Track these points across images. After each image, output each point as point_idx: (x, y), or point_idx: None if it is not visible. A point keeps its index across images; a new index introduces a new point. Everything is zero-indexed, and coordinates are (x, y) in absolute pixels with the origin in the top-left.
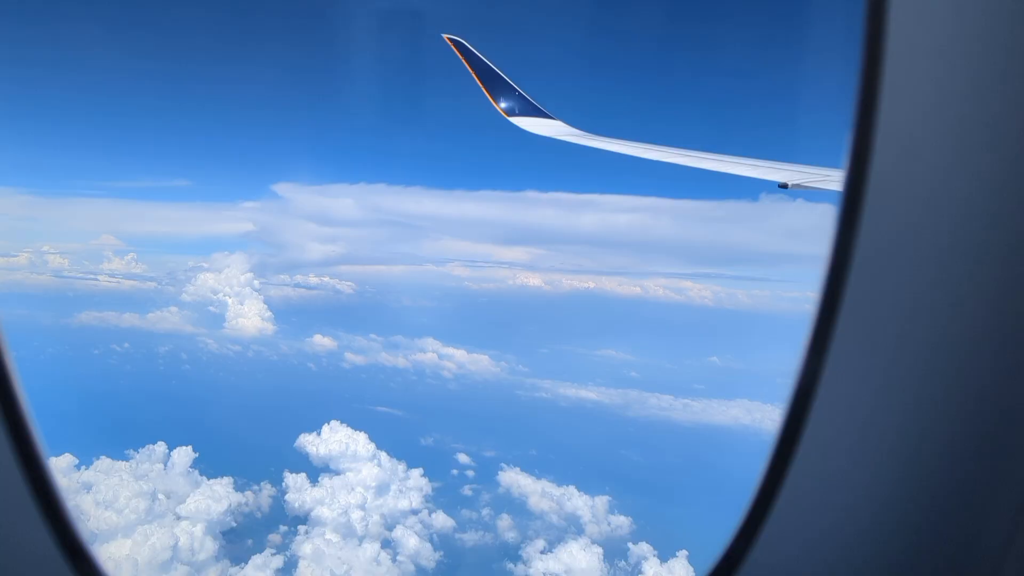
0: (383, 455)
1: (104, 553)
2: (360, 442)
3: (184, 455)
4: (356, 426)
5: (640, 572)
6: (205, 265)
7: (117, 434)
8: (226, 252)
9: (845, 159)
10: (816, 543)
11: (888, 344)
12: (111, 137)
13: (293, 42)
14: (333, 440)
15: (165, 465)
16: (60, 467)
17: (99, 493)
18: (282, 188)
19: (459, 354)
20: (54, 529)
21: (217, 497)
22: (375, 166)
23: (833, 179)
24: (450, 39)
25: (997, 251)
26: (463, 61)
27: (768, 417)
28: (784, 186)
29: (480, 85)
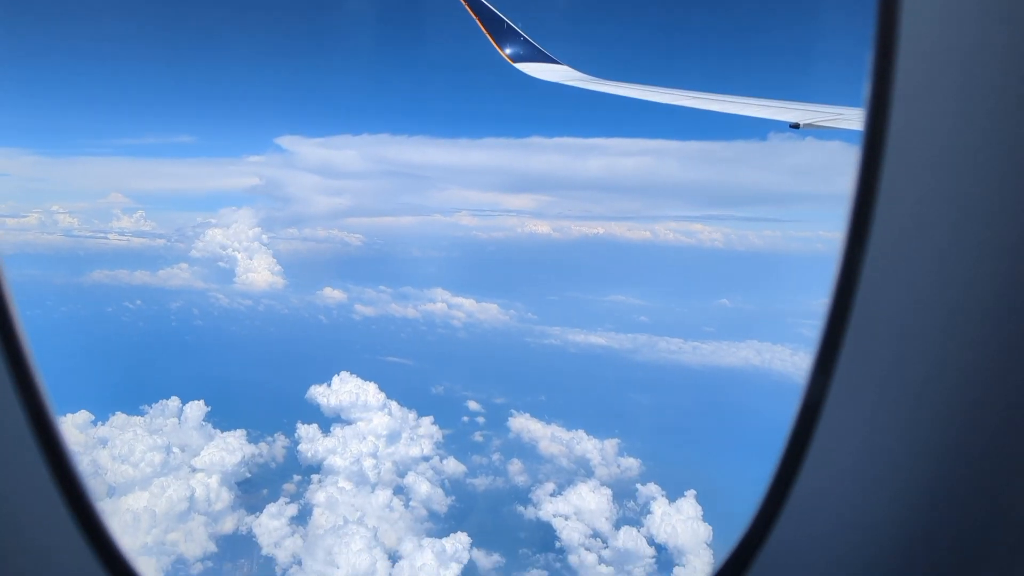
0: (393, 404)
1: (122, 506)
2: (370, 392)
3: (197, 409)
4: (366, 377)
5: (649, 512)
6: (213, 221)
7: (132, 390)
8: (233, 207)
9: (857, 151)
10: (825, 544)
11: (899, 343)
12: (113, 95)
13: None
14: (343, 391)
15: (179, 419)
16: (77, 423)
17: (115, 448)
18: (286, 141)
19: (468, 303)
20: (67, 497)
21: (231, 449)
22: (378, 116)
23: (845, 118)
24: None
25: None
26: (467, 7)
27: (777, 357)
28: (796, 126)
29: (484, 32)
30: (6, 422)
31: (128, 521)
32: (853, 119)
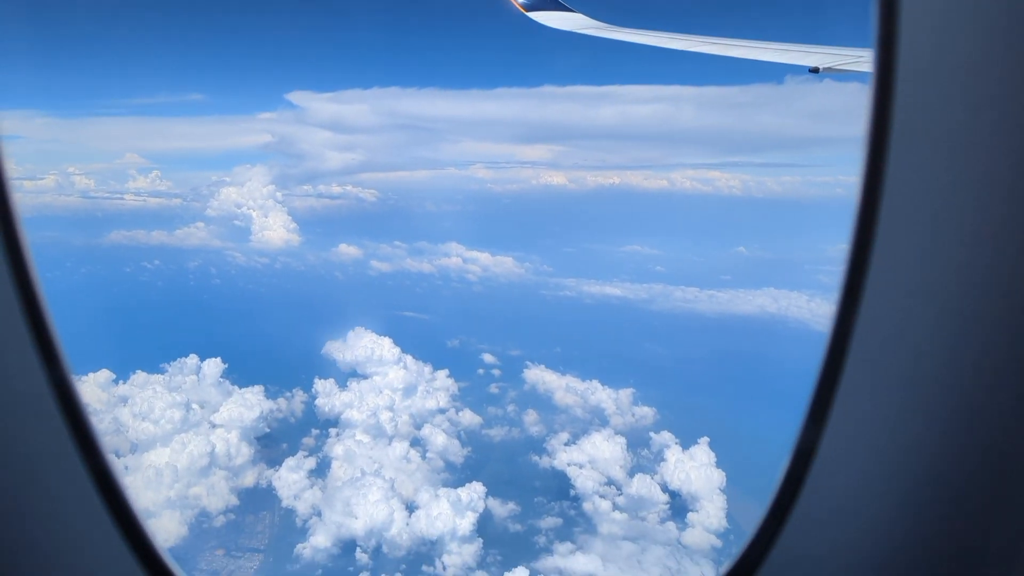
0: (409, 358)
1: (144, 462)
2: (385, 346)
3: (215, 366)
4: (381, 331)
5: (663, 460)
6: (227, 179)
7: (151, 349)
8: (247, 165)
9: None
10: (832, 549)
11: (908, 347)
12: (124, 54)
13: None
14: (359, 346)
15: (198, 376)
16: (98, 382)
17: (136, 406)
18: (296, 97)
19: (483, 257)
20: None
21: (249, 405)
22: (387, 70)
23: (865, 60)
24: None
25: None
26: None
27: (794, 304)
28: (815, 71)
29: None
30: (31, 392)
31: (151, 477)
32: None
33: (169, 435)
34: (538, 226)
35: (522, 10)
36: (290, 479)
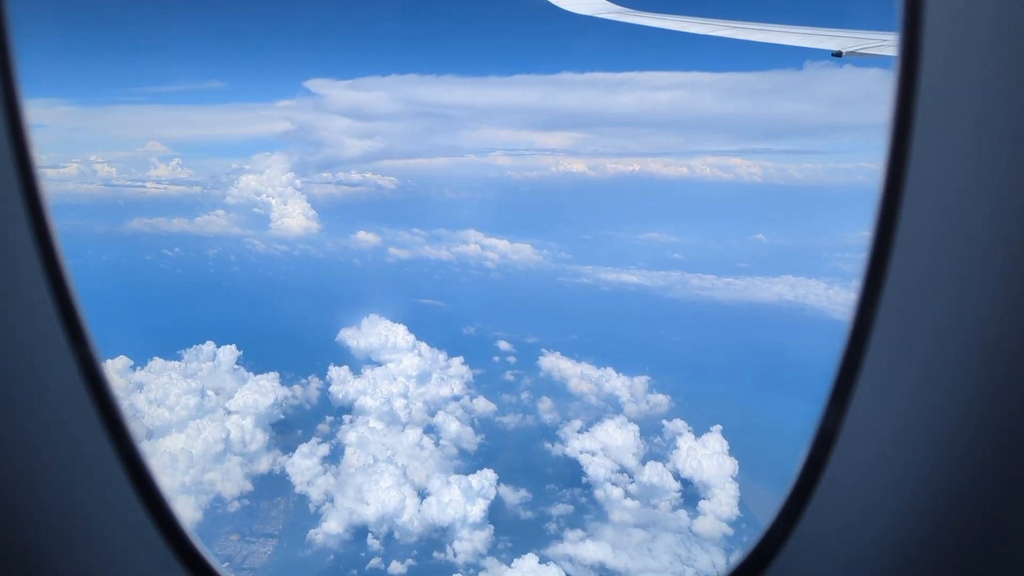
0: (423, 345)
1: (160, 448)
2: (400, 334)
3: (230, 353)
4: (396, 319)
5: (675, 447)
6: (247, 167)
7: (169, 336)
8: (266, 153)
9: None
10: (854, 532)
11: (930, 335)
12: (144, 42)
13: None
14: (373, 333)
15: (214, 363)
16: (116, 368)
17: (151, 392)
18: (314, 84)
19: (501, 244)
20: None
21: (264, 391)
22: (405, 57)
23: (889, 44)
24: None
25: None
26: None
27: (812, 292)
28: (838, 55)
29: None
30: (61, 378)
31: (166, 462)
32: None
33: (184, 421)
34: (557, 213)
35: None
36: (303, 465)
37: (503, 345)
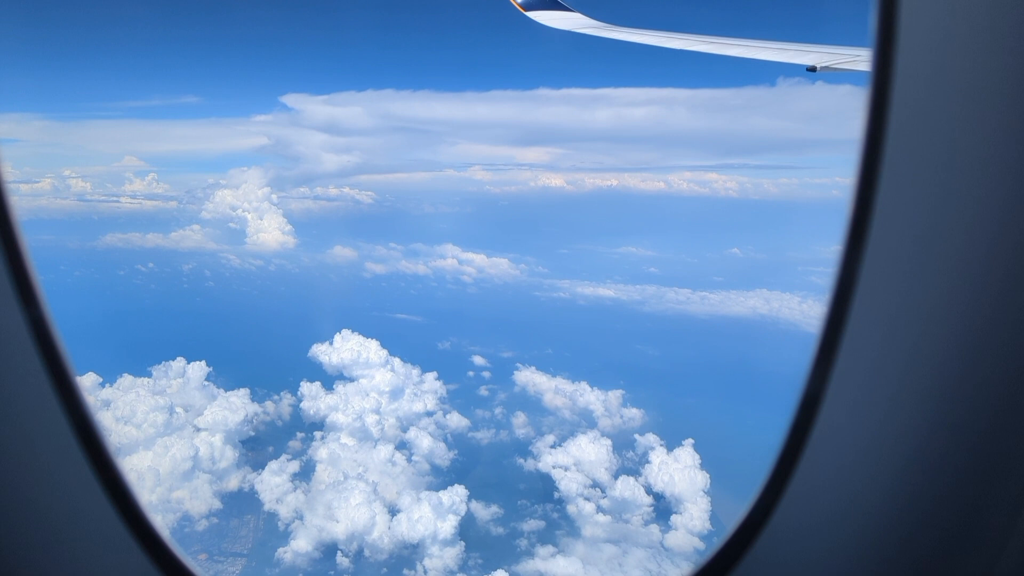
0: (396, 361)
1: (127, 465)
2: (372, 349)
3: (201, 369)
4: (369, 334)
5: (647, 462)
6: (223, 182)
7: (140, 352)
8: (243, 168)
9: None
10: (823, 529)
11: (898, 347)
12: (119, 57)
13: None
14: (345, 349)
15: (184, 379)
16: (84, 386)
17: (119, 409)
18: (291, 99)
19: (479, 259)
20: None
21: (234, 408)
22: (381, 72)
23: (863, 59)
24: None
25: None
26: None
27: (786, 305)
28: (812, 69)
29: None
30: (33, 393)
31: (133, 480)
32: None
33: (152, 439)
34: (535, 228)
35: (521, 10)
36: (273, 483)
37: (478, 360)
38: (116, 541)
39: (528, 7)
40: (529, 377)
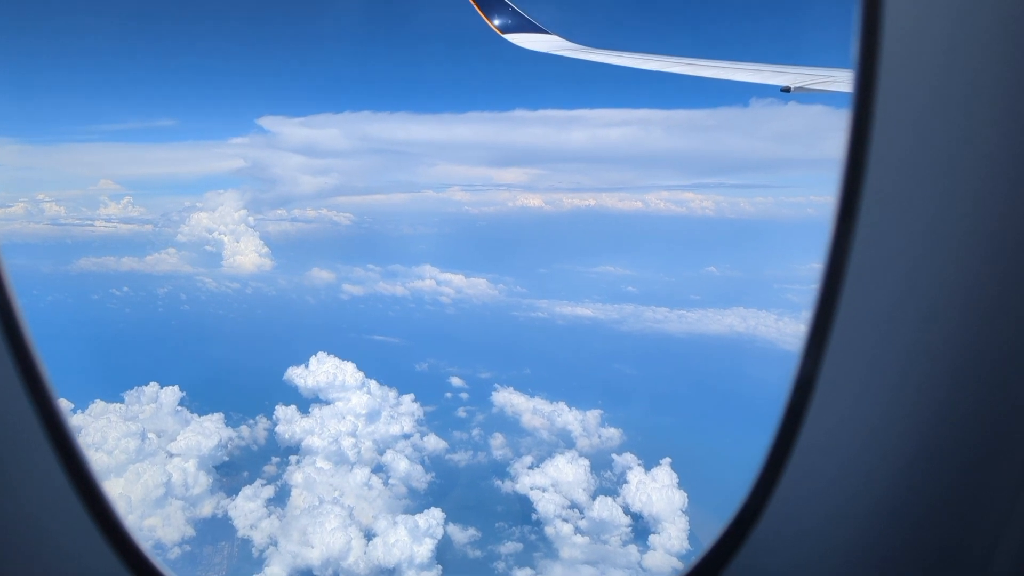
0: (372, 383)
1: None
2: (348, 372)
3: (174, 394)
4: (346, 356)
5: (625, 481)
6: (199, 205)
7: (113, 377)
8: (219, 190)
9: (843, 145)
10: (807, 543)
11: (885, 343)
12: (94, 80)
13: None
14: (321, 371)
15: (157, 405)
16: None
17: (90, 436)
18: (268, 122)
19: (457, 279)
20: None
21: (207, 433)
22: (358, 94)
23: (836, 80)
24: None
25: (998, 244)
26: None
27: (763, 323)
28: (787, 90)
29: (473, 3)
30: (14, 415)
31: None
32: (844, 80)
33: (123, 465)
34: (513, 248)
35: (499, 32)
36: (247, 508)
37: (456, 381)
38: (87, 542)
39: (505, 30)
40: (507, 398)
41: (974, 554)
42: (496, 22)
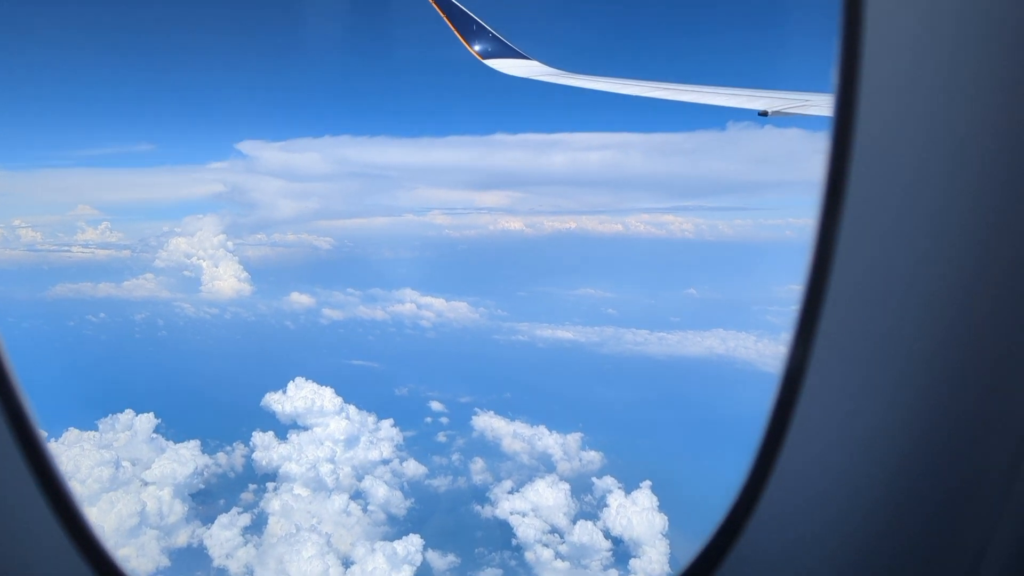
0: (351, 408)
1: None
2: (327, 397)
3: (148, 422)
4: (324, 381)
5: (605, 505)
6: (178, 230)
7: (87, 405)
8: (198, 215)
9: (827, 143)
10: (801, 539)
11: (874, 336)
12: (71, 105)
13: None
14: (299, 397)
15: (131, 432)
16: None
17: (63, 464)
18: (247, 147)
19: (437, 303)
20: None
21: (183, 460)
22: (337, 118)
23: (812, 104)
24: None
25: (989, 241)
26: (435, 6)
27: (742, 345)
28: (764, 114)
29: (453, 29)
30: None
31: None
32: (819, 104)
33: (96, 494)
34: (494, 271)
35: (479, 58)
36: (223, 537)
37: (436, 405)
38: (52, 543)
39: (486, 55)
40: (488, 422)
41: (963, 559)
42: (476, 48)
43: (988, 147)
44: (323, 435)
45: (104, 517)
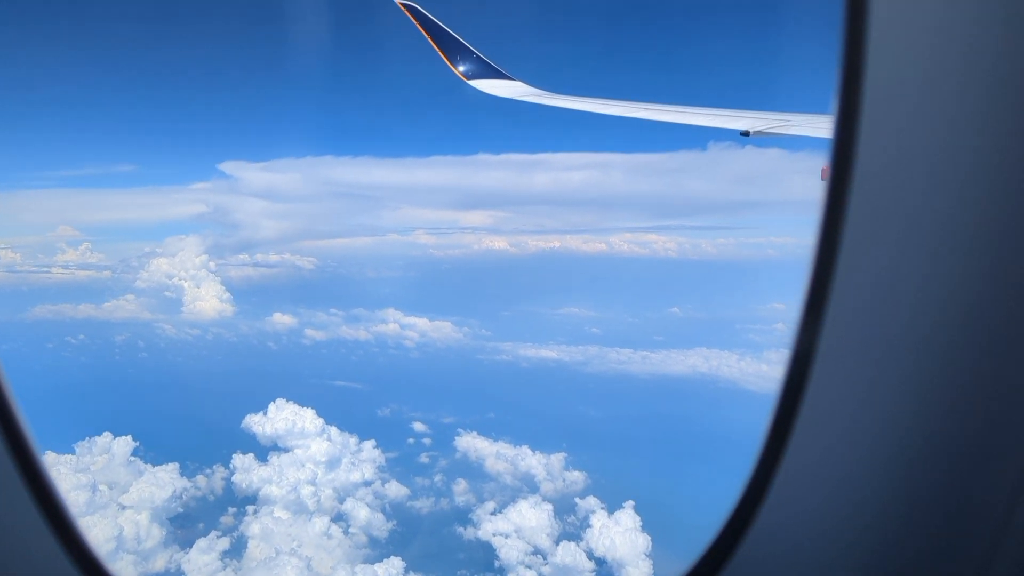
0: (333, 429)
1: None
2: (308, 418)
3: (127, 445)
4: (305, 403)
5: (589, 526)
6: (159, 250)
7: (66, 428)
8: (180, 236)
9: (829, 147)
10: (807, 540)
11: (878, 337)
12: (51, 125)
13: (230, 13)
14: (280, 418)
15: (109, 455)
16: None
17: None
18: (229, 167)
19: (421, 323)
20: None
21: (161, 484)
22: (319, 138)
23: (793, 124)
24: (404, 5)
25: (994, 245)
26: (419, 27)
27: (724, 363)
28: (746, 134)
29: (437, 50)
30: None
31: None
32: (800, 124)
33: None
34: (478, 291)
35: (463, 78)
36: (201, 561)
37: (418, 426)
38: (39, 543)
39: (470, 76)
40: (471, 442)
41: (973, 559)
42: (461, 68)
43: (993, 152)
44: (304, 457)
45: None
